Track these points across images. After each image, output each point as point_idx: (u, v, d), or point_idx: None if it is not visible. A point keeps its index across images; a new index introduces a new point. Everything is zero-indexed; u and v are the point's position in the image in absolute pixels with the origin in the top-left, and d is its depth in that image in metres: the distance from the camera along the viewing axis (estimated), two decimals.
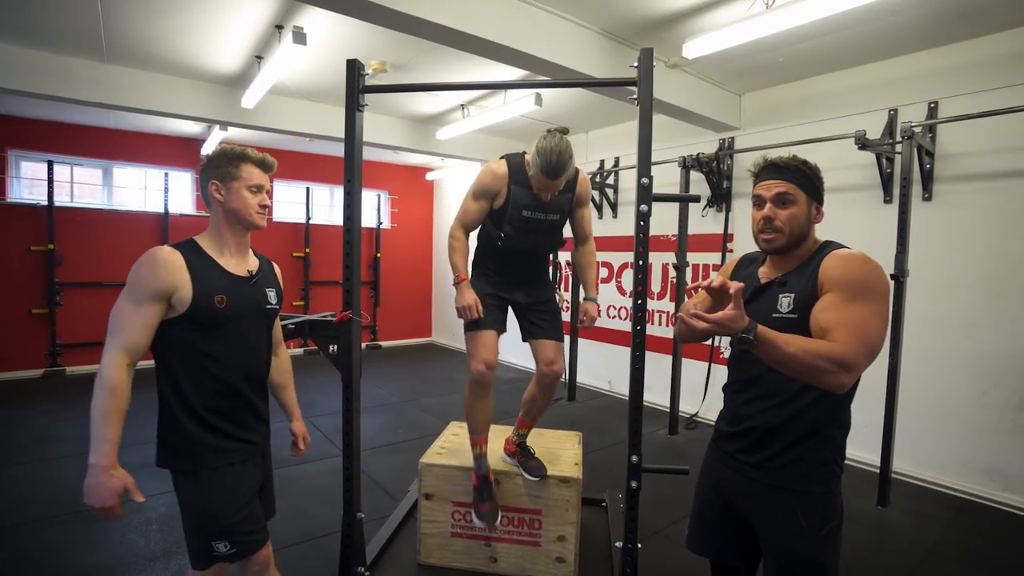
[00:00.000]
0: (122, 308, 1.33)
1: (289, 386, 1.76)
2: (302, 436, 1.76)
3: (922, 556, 2.53)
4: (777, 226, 1.29)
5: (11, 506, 2.81)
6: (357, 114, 2.03)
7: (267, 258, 1.66)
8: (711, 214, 4.55)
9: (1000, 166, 3.10)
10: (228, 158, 1.44)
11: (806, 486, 1.27)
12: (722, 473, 1.42)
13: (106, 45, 3.64)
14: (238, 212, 1.46)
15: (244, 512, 1.43)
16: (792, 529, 1.26)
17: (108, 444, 1.26)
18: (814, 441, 1.26)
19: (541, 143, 1.93)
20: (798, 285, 1.26)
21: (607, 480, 3.16)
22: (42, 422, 4.14)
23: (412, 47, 3.53)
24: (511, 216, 2.08)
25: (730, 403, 1.43)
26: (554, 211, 2.12)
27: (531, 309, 2.26)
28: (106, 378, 1.27)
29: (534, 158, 1.95)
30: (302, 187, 7.09)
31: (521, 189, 2.06)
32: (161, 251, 1.36)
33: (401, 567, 2.35)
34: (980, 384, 3.16)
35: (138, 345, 1.33)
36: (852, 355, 1.11)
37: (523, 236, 2.12)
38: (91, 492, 1.25)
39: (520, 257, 2.21)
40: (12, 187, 5.53)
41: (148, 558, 2.38)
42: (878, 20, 2.96)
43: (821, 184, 1.33)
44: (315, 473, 3.31)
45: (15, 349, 5.46)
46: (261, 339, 1.55)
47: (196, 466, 1.39)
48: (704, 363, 4.55)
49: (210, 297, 1.38)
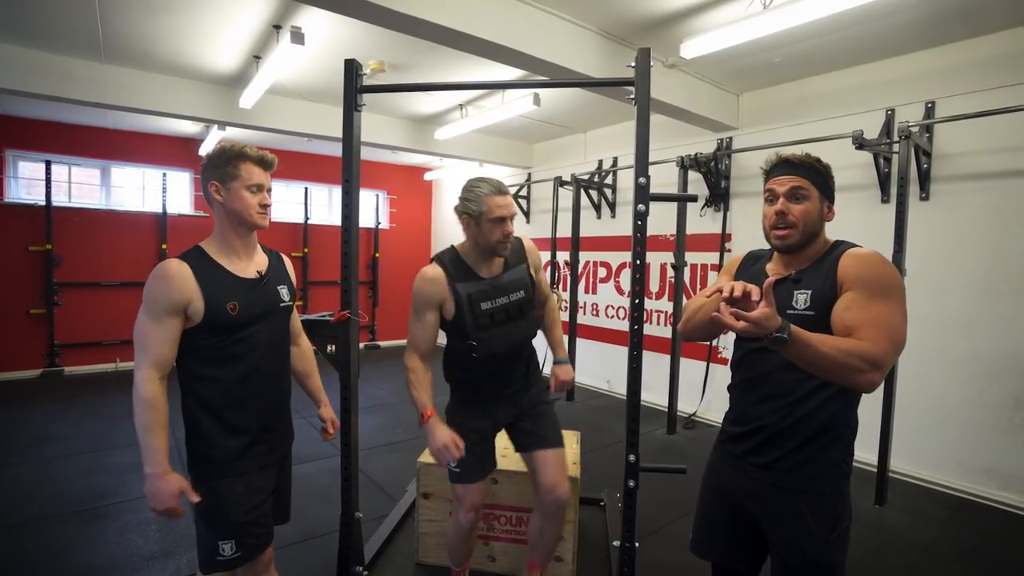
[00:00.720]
0: (144, 325, 1.35)
1: (314, 373, 1.79)
2: (331, 420, 1.77)
3: (919, 555, 2.54)
4: (791, 221, 1.27)
5: (9, 506, 2.80)
6: (355, 114, 2.03)
7: (277, 252, 1.66)
8: (709, 214, 4.55)
9: (997, 166, 3.11)
10: (226, 158, 1.43)
11: (816, 487, 1.26)
12: (728, 474, 1.40)
13: (104, 45, 3.64)
14: (239, 213, 1.44)
15: (255, 514, 1.44)
16: (801, 531, 1.25)
17: (159, 454, 1.32)
18: (824, 441, 1.25)
19: (467, 184, 1.74)
20: (815, 282, 1.25)
21: (606, 480, 3.17)
22: (40, 422, 4.13)
23: (410, 47, 3.53)
24: (472, 319, 1.72)
25: (737, 403, 1.41)
26: (515, 288, 1.79)
27: (522, 418, 1.88)
28: (144, 395, 1.32)
29: (476, 196, 1.69)
30: (301, 187, 7.09)
31: (468, 283, 1.73)
32: (169, 265, 1.36)
33: (399, 566, 2.35)
34: (977, 383, 3.17)
35: (165, 359, 1.36)
36: (881, 353, 1.10)
37: (498, 334, 1.75)
38: (152, 498, 1.32)
39: (504, 362, 1.82)
40: (10, 187, 5.53)
41: (146, 558, 2.38)
42: (875, 20, 2.96)
43: (833, 183, 1.32)
44: (314, 473, 3.31)
45: (13, 349, 5.45)
46: (279, 338, 1.56)
47: (218, 471, 1.41)
48: (702, 362, 4.56)
49: (222, 305, 1.39)
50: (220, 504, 1.41)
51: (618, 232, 5.43)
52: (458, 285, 1.71)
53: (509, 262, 1.81)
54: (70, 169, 5.86)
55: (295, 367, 1.73)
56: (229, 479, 1.41)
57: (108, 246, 5.85)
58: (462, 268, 1.75)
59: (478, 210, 1.68)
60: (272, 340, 1.52)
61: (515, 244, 1.83)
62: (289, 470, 1.67)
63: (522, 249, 1.87)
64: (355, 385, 2.08)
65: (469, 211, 1.70)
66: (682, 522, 2.76)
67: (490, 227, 1.68)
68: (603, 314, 5.62)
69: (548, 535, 1.92)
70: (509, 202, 1.72)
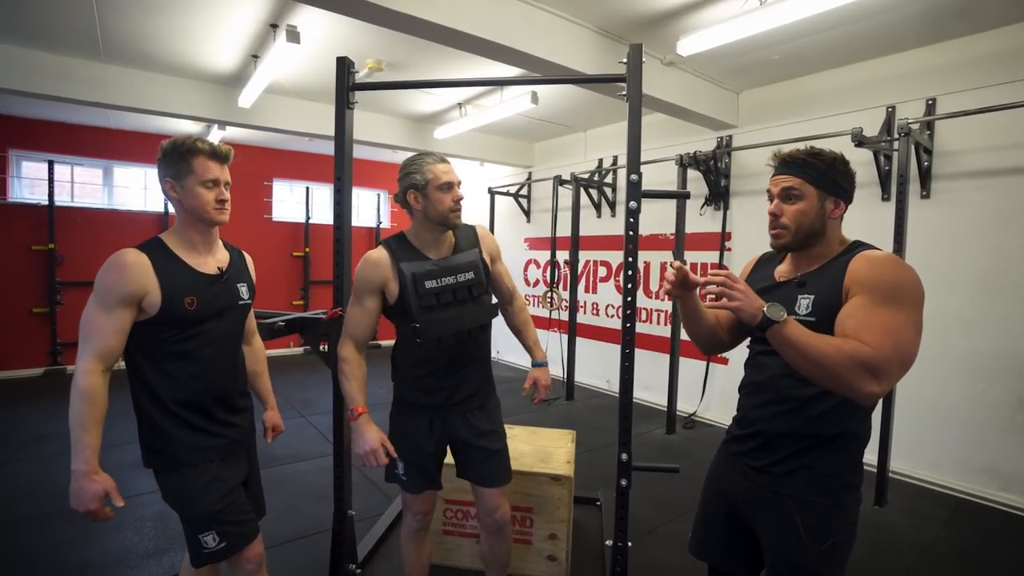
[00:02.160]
0: (92, 314, 1.30)
1: (264, 374, 1.76)
2: (272, 426, 1.75)
3: (918, 556, 2.52)
4: (783, 223, 1.24)
5: (8, 503, 2.82)
6: (347, 111, 2.04)
7: (239, 250, 1.63)
8: (709, 212, 4.53)
9: (999, 163, 3.08)
10: (178, 153, 1.38)
11: (810, 496, 1.21)
12: (729, 476, 1.37)
13: (103, 45, 3.65)
14: (195, 210, 1.41)
15: (228, 500, 1.42)
16: (791, 538, 1.21)
17: (88, 450, 1.26)
18: (823, 450, 1.20)
19: (405, 162, 1.66)
20: (819, 287, 1.19)
21: (603, 479, 3.15)
22: (41, 420, 4.16)
23: (407, 46, 3.53)
24: (416, 300, 1.60)
25: (743, 405, 1.38)
26: (464, 269, 1.68)
27: (469, 447, 1.74)
28: (82, 386, 1.26)
29: (419, 167, 1.62)
30: (302, 187, 7.11)
31: (413, 263, 1.63)
32: (127, 255, 1.33)
33: (393, 565, 2.35)
34: (978, 383, 3.14)
35: (112, 351, 1.31)
36: (881, 359, 1.02)
37: (444, 317, 1.63)
38: (75, 497, 1.27)
39: (453, 355, 1.69)
40: (13, 187, 5.57)
41: (142, 555, 2.39)
42: (874, 17, 2.94)
43: (842, 176, 1.24)
44: (310, 471, 3.31)
45: (16, 348, 5.49)
46: (234, 335, 1.54)
47: (177, 463, 1.39)
48: (702, 362, 4.53)
49: (180, 299, 1.36)
50: (186, 495, 1.39)
51: (618, 231, 5.41)
52: (402, 265, 1.61)
53: (459, 245, 1.71)
54: (72, 169, 5.90)
55: (247, 367, 1.67)
56: (187, 470, 1.39)
57: (110, 245, 5.70)
58: (408, 248, 1.66)
59: (424, 180, 1.60)
60: (229, 337, 1.50)
61: (467, 230, 1.76)
62: (255, 463, 1.63)
63: (474, 235, 1.77)
64: None
65: (415, 183, 1.61)
66: (678, 522, 2.75)
67: (439, 195, 1.60)
68: (603, 313, 5.61)
69: (499, 550, 1.84)
70: (452, 168, 1.65)
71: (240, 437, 1.53)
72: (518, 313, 1.92)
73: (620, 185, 5.42)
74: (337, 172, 2.03)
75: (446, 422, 1.72)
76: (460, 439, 1.74)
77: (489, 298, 1.78)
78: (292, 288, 6.97)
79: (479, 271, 1.71)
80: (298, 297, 7.02)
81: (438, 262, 1.66)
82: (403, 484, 1.74)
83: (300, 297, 7.04)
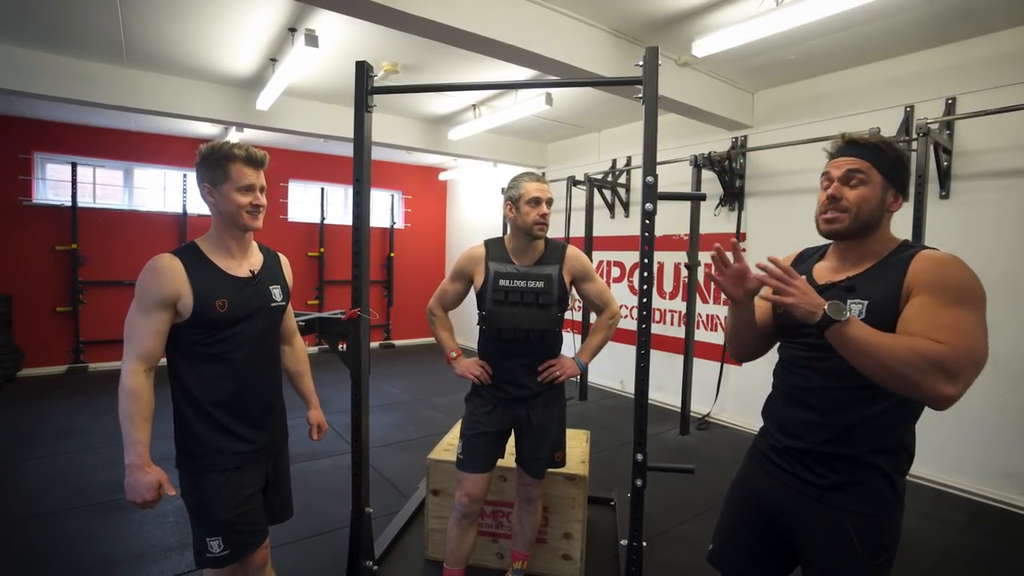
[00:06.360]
0: (133, 318, 1.36)
1: (306, 375, 1.79)
2: (317, 424, 1.78)
3: (937, 560, 2.49)
4: (843, 206, 1.13)
5: (33, 498, 2.89)
6: (366, 115, 2.06)
7: (274, 252, 1.66)
8: (723, 213, 4.51)
9: (1019, 163, 3.03)
10: (216, 159, 1.41)
11: (865, 509, 1.14)
12: (764, 483, 1.28)
13: (126, 49, 3.73)
14: (229, 215, 1.44)
15: (242, 509, 1.44)
16: (844, 554, 1.14)
17: (140, 445, 1.33)
18: (878, 464, 1.14)
19: (511, 179, 1.97)
20: (874, 290, 1.10)
21: (617, 479, 3.16)
22: (65, 417, 4.26)
23: (423, 49, 3.56)
24: (490, 291, 1.92)
25: (782, 414, 1.27)
26: (535, 278, 1.90)
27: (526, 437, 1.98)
28: (127, 386, 1.33)
29: (516, 184, 1.92)
30: (317, 187, 7.19)
31: (499, 264, 1.94)
32: (161, 259, 1.38)
33: (408, 562, 2.38)
34: (999, 386, 3.09)
35: (152, 352, 1.37)
36: (956, 358, 0.95)
37: (505, 313, 1.90)
38: (130, 489, 1.33)
39: (512, 349, 1.93)
40: (38, 188, 5.70)
41: (164, 549, 2.44)
42: (891, 16, 2.92)
43: (904, 171, 1.16)
44: (327, 469, 3.35)
45: (40, 346, 5.61)
46: (267, 337, 1.56)
47: (204, 467, 1.42)
48: (716, 363, 4.52)
49: (211, 302, 1.39)
50: (204, 500, 1.42)
51: (632, 232, 5.40)
52: (491, 263, 1.94)
53: (544, 259, 1.95)
54: (95, 171, 6.02)
55: (287, 367, 1.73)
56: (212, 475, 1.42)
57: (131, 245, 5.99)
58: (501, 250, 1.96)
59: (517, 194, 1.89)
60: (261, 339, 1.52)
61: (557, 247, 1.98)
62: (285, 468, 1.65)
63: (562, 254, 1.97)
64: (366, 382, 2.11)
65: (511, 196, 1.91)
66: (692, 523, 2.74)
67: (527, 208, 1.87)
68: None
69: (526, 523, 2.10)
70: (544, 187, 1.90)
71: (268, 442, 1.54)
72: (602, 318, 2.14)
73: (634, 185, 5.41)
74: (356, 174, 2.06)
75: (508, 411, 1.95)
76: (520, 430, 1.98)
77: (556, 309, 1.95)
78: (307, 288, 7.05)
79: (550, 284, 1.92)
80: (313, 297, 7.10)
81: (519, 267, 1.93)
82: (462, 463, 1.95)
83: (315, 297, 7.11)
